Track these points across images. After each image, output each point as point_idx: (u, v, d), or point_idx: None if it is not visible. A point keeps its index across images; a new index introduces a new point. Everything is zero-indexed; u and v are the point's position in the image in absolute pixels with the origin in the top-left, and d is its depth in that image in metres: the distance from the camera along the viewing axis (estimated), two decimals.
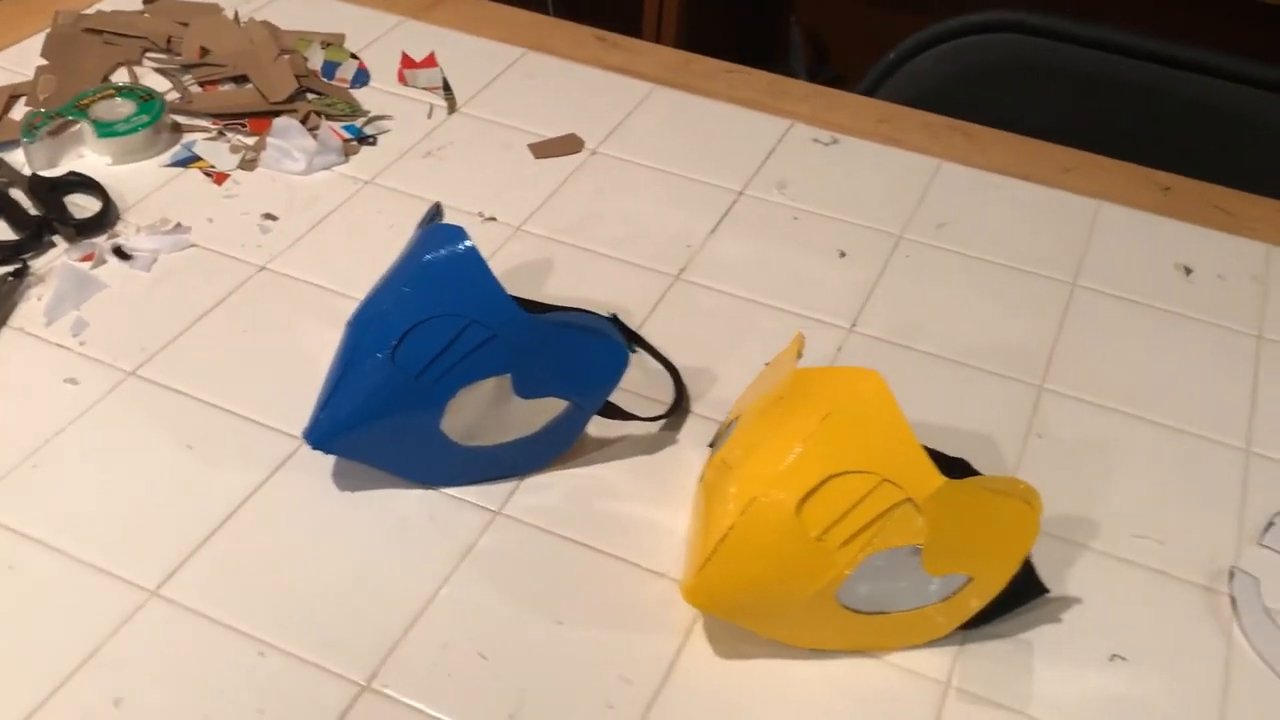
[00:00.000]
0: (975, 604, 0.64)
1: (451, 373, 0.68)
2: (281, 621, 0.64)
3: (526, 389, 0.70)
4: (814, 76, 1.17)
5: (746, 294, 0.88)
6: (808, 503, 0.60)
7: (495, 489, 0.72)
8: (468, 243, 0.69)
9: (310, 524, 0.69)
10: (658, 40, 1.20)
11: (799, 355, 0.69)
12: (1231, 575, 0.70)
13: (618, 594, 0.66)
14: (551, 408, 0.71)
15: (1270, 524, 0.73)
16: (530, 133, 1.04)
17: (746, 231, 0.94)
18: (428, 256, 0.70)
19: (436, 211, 0.78)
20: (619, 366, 0.72)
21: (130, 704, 0.60)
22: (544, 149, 1.02)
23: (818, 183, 1.00)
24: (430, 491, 0.72)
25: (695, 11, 1.66)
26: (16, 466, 0.72)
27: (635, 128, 1.05)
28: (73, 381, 0.77)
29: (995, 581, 0.64)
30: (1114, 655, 0.66)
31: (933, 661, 0.65)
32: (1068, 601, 0.68)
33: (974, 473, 0.74)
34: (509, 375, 0.69)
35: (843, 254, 0.92)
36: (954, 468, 0.74)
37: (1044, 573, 0.69)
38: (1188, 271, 0.92)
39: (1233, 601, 0.68)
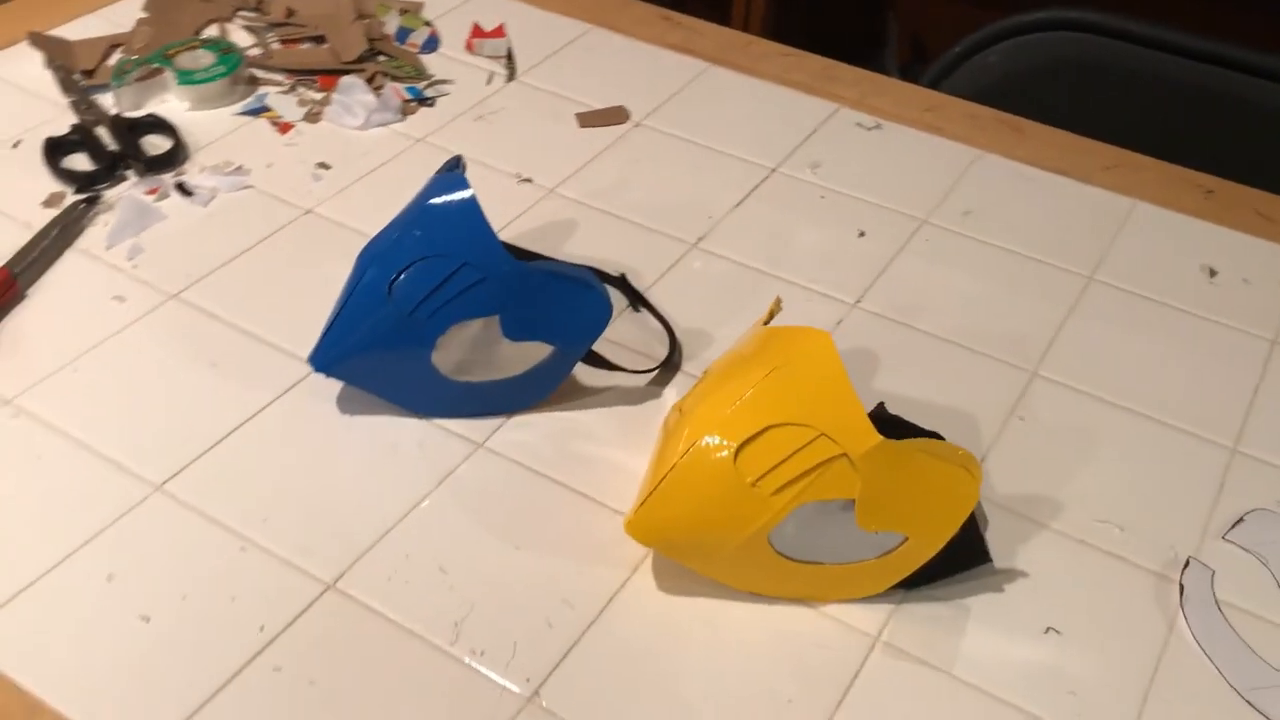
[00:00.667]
0: (910, 564, 0.66)
1: (443, 310, 0.73)
2: (265, 523, 0.70)
3: (514, 331, 0.74)
4: (906, 74, 1.18)
5: (758, 265, 0.91)
6: (745, 449, 0.63)
7: (483, 424, 0.77)
8: (467, 191, 0.73)
9: (308, 442, 0.75)
10: (744, 30, 1.23)
11: (771, 316, 0.72)
12: (1186, 564, 0.70)
13: (576, 527, 0.70)
14: (538, 352, 0.76)
15: (1239, 520, 0.73)
16: (581, 104, 1.08)
17: (771, 206, 0.97)
18: (430, 201, 0.75)
19: (456, 163, 0.83)
20: (602, 318, 0.75)
21: (119, 579, 0.67)
22: (590, 119, 1.06)
23: (852, 165, 1.02)
24: (424, 422, 0.77)
25: (785, 4, 1.68)
26: (59, 370, 0.79)
27: (683, 103, 1.09)
28: (120, 299, 0.85)
29: (931, 543, 0.66)
30: (1049, 628, 0.67)
31: (867, 616, 0.67)
32: (1013, 574, 0.69)
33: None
34: (498, 317, 0.74)
35: (862, 234, 0.94)
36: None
37: (996, 546, 0.70)
38: (1212, 274, 0.92)
39: (1181, 590, 0.69)
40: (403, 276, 0.73)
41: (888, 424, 0.77)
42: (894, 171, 1.01)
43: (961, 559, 0.68)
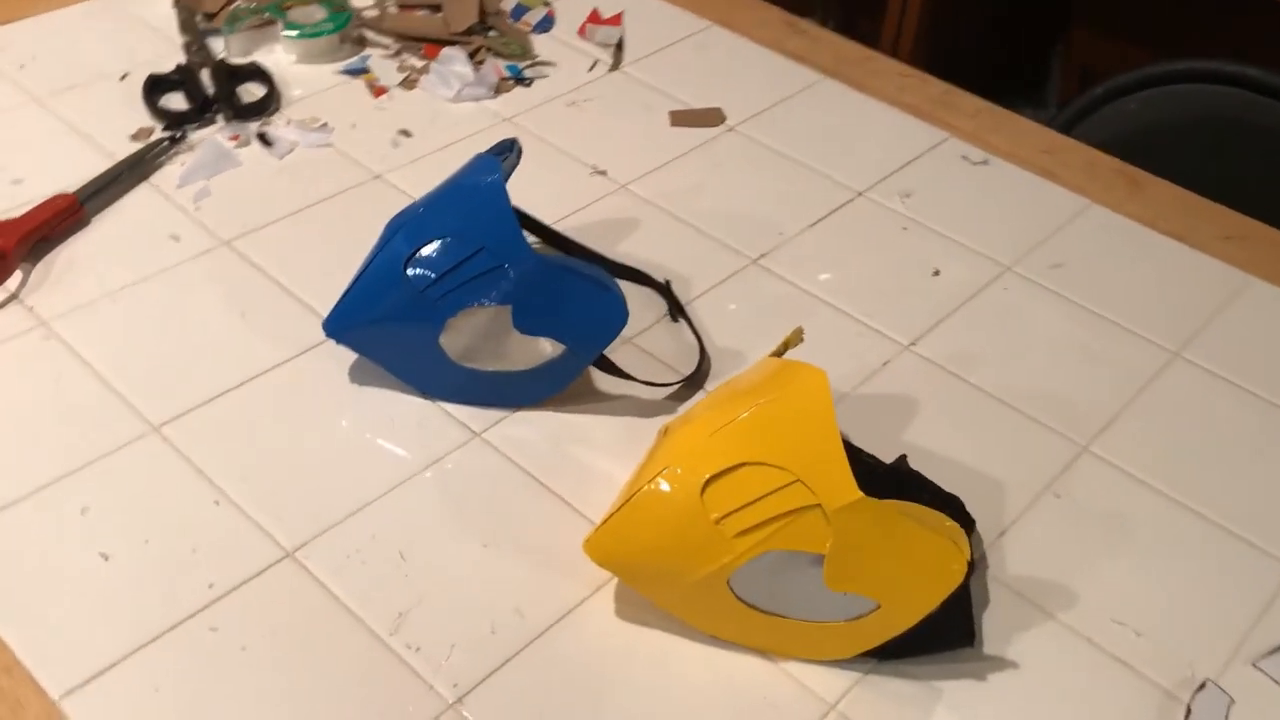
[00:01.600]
0: (881, 633, 0.61)
1: (456, 292, 0.71)
2: (244, 481, 0.70)
3: (524, 324, 0.72)
4: (1060, 112, 1.11)
5: (816, 290, 0.86)
6: (715, 484, 0.59)
7: (487, 414, 0.75)
8: (496, 175, 0.71)
9: (310, 406, 0.75)
10: (893, 54, 1.15)
11: (786, 348, 0.68)
12: (1201, 687, 0.63)
13: (549, 535, 0.68)
14: (548, 349, 0.73)
15: (1278, 649, 0.65)
16: (679, 101, 1.05)
17: (846, 231, 0.92)
18: (461, 180, 0.73)
19: (510, 145, 0.81)
20: (617, 323, 0.73)
21: (93, 513, 0.67)
22: (682, 117, 1.03)
23: (946, 199, 0.96)
24: (429, 403, 0.75)
25: (941, 31, 1.60)
26: (98, 299, 0.81)
27: (783, 113, 1.04)
28: (175, 239, 0.86)
29: (905, 616, 0.61)
30: None
31: (829, 681, 0.62)
32: (1002, 663, 0.64)
33: (965, 514, 0.70)
34: (509, 307, 0.72)
35: (936, 273, 0.89)
36: (945, 504, 0.70)
37: (991, 629, 0.65)
38: None
39: (1188, 714, 0.62)
40: (420, 253, 0.71)
41: (904, 479, 0.72)
42: (990, 212, 0.95)
43: (941, 636, 0.63)
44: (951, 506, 0.70)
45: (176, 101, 0.99)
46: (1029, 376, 0.80)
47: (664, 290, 0.84)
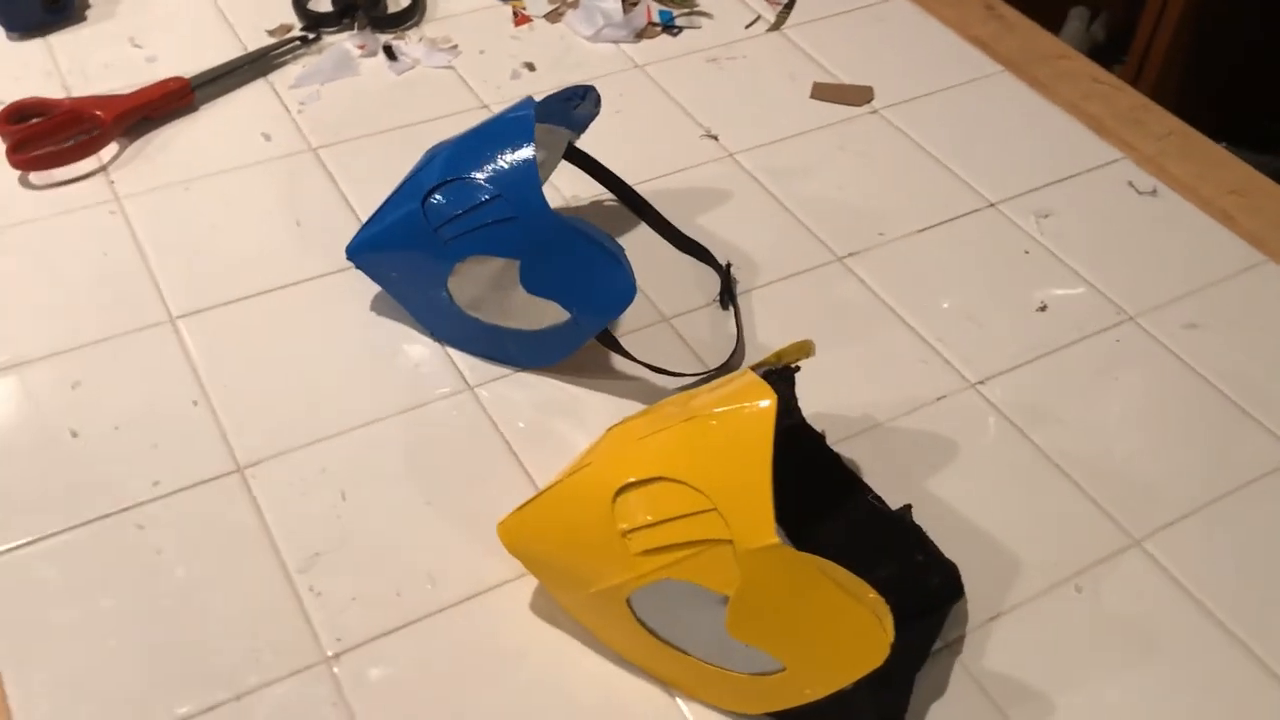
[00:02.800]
0: (786, 698, 0.54)
1: (467, 237, 0.68)
2: (226, 388, 0.69)
3: (531, 283, 0.68)
4: None
5: (894, 303, 0.77)
6: (630, 493, 0.54)
7: (488, 369, 0.72)
8: (528, 124, 0.67)
9: (323, 326, 0.74)
10: (1142, 62, 0.99)
11: (780, 360, 0.61)
12: None
13: (496, 506, 0.63)
14: (552, 313, 0.69)
15: None
16: (829, 73, 0.97)
17: (957, 244, 0.82)
18: (494, 122, 0.70)
19: (581, 94, 0.76)
20: (623, 299, 0.67)
21: (81, 390, 0.69)
22: (825, 91, 0.95)
23: (1089, 227, 0.84)
24: (437, 346, 0.73)
25: (1200, 49, 1.40)
26: (174, 184, 0.82)
27: (941, 103, 0.94)
28: (267, 137, 0.87)
29: (813, 686, 0.53)
30: None
31: None
32: None
33: (956, 583, 0.61)
34: (518, 263, 0.68)
35: (1043, 308, 0.78)
36: (937, 569, 0.62)
37: None
38: None
39: None
40: (443, 188, 0.68)
41: (900, 531, 0.63)
42: (1136, 250, 0.82)
43: (854, 718, 0.55)
44: (944, 573, 0.62)
45: (324, 3, 1.00)
46: (1104, 448, 0.69)
47: (723, 273, 0.77)
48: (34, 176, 0.82)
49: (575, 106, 0.77)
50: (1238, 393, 0.73)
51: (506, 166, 0.67)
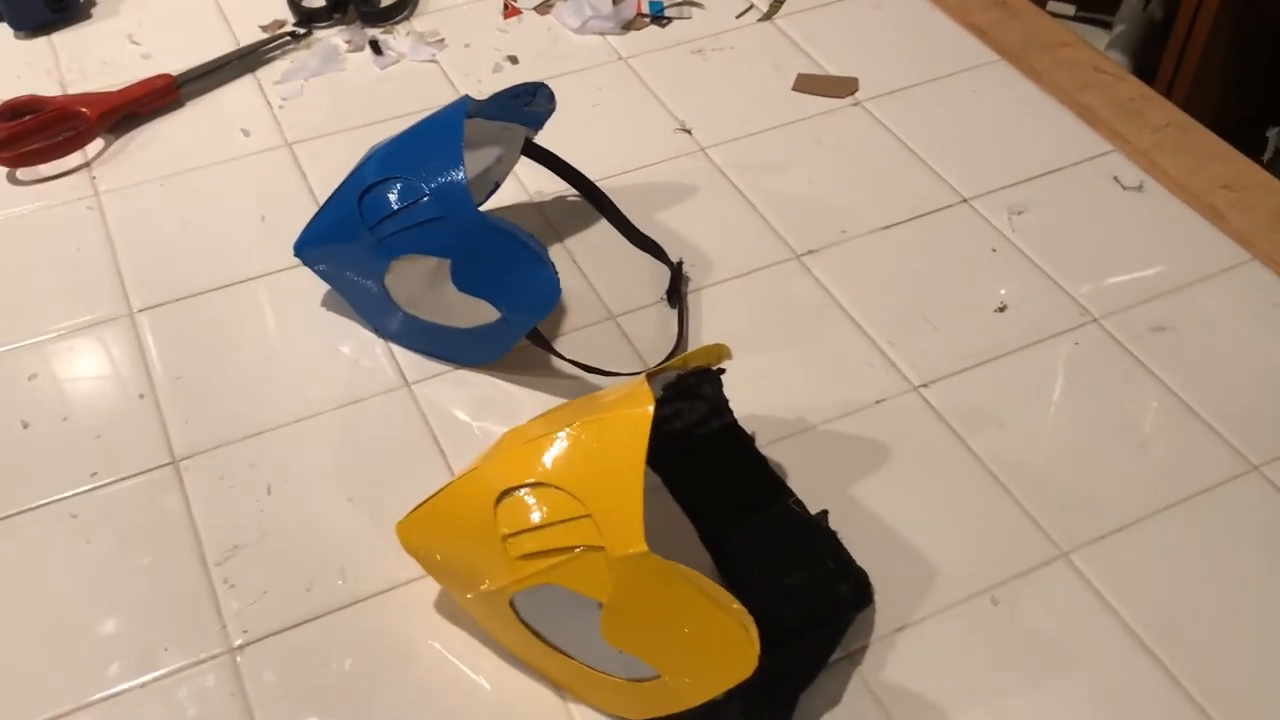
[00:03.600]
0: (662, 705, 0.54)
1: (401, 235, 0.69)
2: (177, 381, 0.71)
3: (462, 281, 0.68)
4: None
5: (846, 302, 0.76)
6: (511, 497, 0.54)
7: (429, 366, 0.72)
8: (457, 123, 0.68)
9: (273, 322, 0.75)
10: (1167, 95, 0.92)
11: (686, 363, 0.60)
12: None
13: (415, 504, 0.65)
14: (485, 312, 0.69)
15: None
16: (816, 64, 0.95)
17: (920, 242, 0.80)
18: (427, 122, 0.70)
19: (532, 91, 0.76)
20: (548, 298, 0.67)
21: (37, 381, 0.71)
22: (807, 83, 0.93)
23: (1064, 224, 0.81)
24: (380, 343, 0.74)
25: (1243, 29, 1.33)
26: (150, 180, 0.85)
27: (929, 94, 0.92)
28: (245, 133, 0.89)
29: (686, 694, 0.53)
30: None
31: None
32: None
33: (864, 591, 0.60)
34: (449, 262, 0.68)
35: (1003, 308, 0.76)
36: (845, 576, 0.61)
37: None
38: None
39: None
40: (377, 187, 0.69)
41: (813, 535, 0.63)
42: (1111, 248, 0.80)
43: None
44: (853, 581, 0.61)
45: None
46: (1045, 456, 0.67)
47: (673, 270, 0.77)
48: (21, 172, 0.85)
49: (527, 104, 0.77)
50: (1198, 400, 0.70)
51: (435, 166, 0.67)
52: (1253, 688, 0.57)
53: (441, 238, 0.68)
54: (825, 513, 0.64)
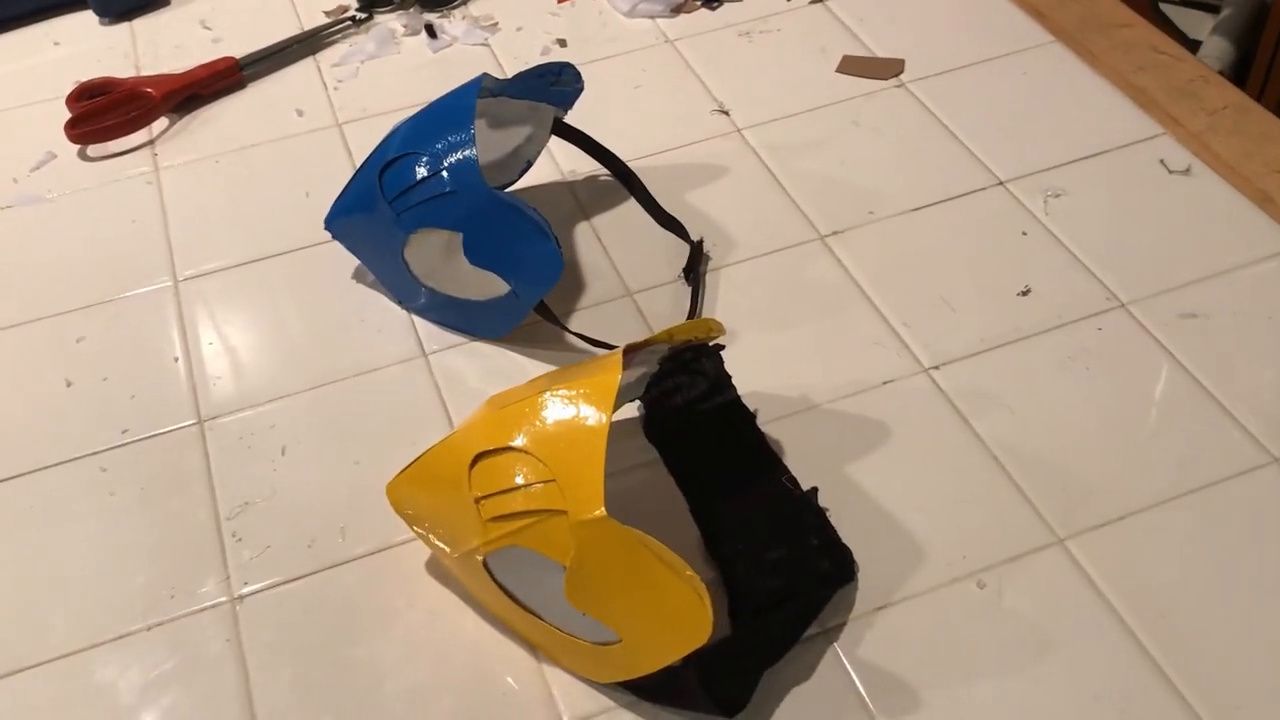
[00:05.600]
0: (625, 669, 0.55)
1: (416, 209, 0.71)
2: (210, 346, 0.75)
3: (473, 255, 0.70)
4: None
5: (866, 284, 0.76)
6: (483, 462, 0.56)
7: (446, 337, 0.74)
8: (470, 100, 0.70)
9: (308, 291, 0.78)
10: (1258, 98, 0.87)
11: (672, 337, 0.61)
12: None
13: None
14: (496, 285, 0.71)
15: None
16: (864, 46, 0.94)
17: (950, 224, 0.79)
18: (444, 100, 0.72)
19: (555, 70, 0.77)
20: (552, 272, 0.69)
21: (85, 344, 0.76)
22: (852, 65, 0.92)
23: (1103, 208, 0.79)
24: (402, 314, 0.76)
25: None
26: (205, 158, 0.89)
27: (976, 76, 0.90)
28: (300, 113, 0.92)
29: (645, 659, 0.54)
30: None
31: (580, 700, 0.57)
32: None
33: (846, 567, 0.60)
34: (461, 235, 0.70)
35: (1026, 292, 0.74)
36: (828, 552, 0.61)
37: (797, 710, 0.56)
38: None
39: None
40: (398, 162, 0.72)
41: (800, 512, 0.63)
42: (1149, 232, 0.77)
43: (689, 697, 0.55)
44: (835, 558, 0.61)
45: None
46: (1050, 441, 0.66)
47: (693, 248, 0.78)
48: (91, 149, 0.90)
49: (552, 83, 0.78)
50: (1222, 389, 0.68)
51: (448, 142, 0.69)
52: (1244, 683, 0.55)
53: (454, 211, 0.70)
54: (815, 490, 0.63)
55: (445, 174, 0.69)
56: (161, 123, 0.92)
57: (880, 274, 0.76)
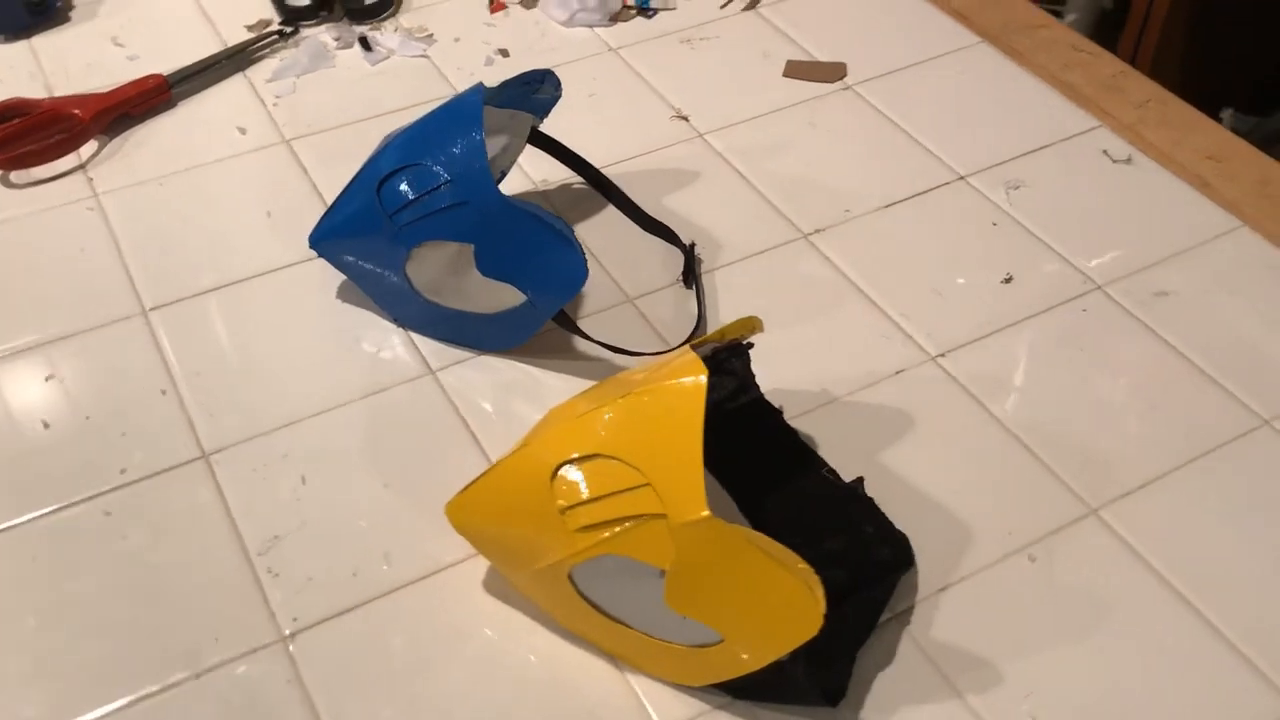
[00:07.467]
0: (726, 669, 0.55)
1: (422, 222, 0.69)
2: (198, 376, 0.71)
3: (486, 266, 0.69)
4: None
5: (857, 279, 0.78)
6: (565, 471, 0.54)
7: (451, 352, 0.73)
8: (476, 109, 0.68)
9: (290, 314, 0.75)
10: (1131, 62, 0.95)
11: (724, 336, 0.61)
12: None
13: (452, 488, 0.63)
14: (510, 296, 0.70)
15: None
16: (804, 51, 0.97)
17: (922, 218, 0.82)
18: (443, 109, 0.70)
19: (540, 78, 0.77)
20: (576, 280, 0.68)
21: (54, 382, 0.70)
22: (797, 69, 0.95)
23: (1060, 197, 0.83)
24: (399, 332, 0.74)
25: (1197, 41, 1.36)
26: (149, 180, 0.84)
27: (916, 77, 0.94)
28: (242, 131, 0.88)
29: (751, 657, 0.54)
30: None
31: (672, 707, 0.57)
32: None
33: (906, 553, 0.62)
34: (473, 247, 0.68)
35: (1009, 279, 0.78)
36: (887, 540, 0.62)
37: (883, 694, 0.57)
38: None
39: None
40: (396, 175, 0.69)
41: (852, 503, 0.64)
42: (1106, 218, 0.82)
43: (794, 690, 0.55)
44: (894, 544, 0.62)
45: None
46: (1064, 418, 0.69)
47: (686, 252, 0.78)
48: (14, 175, 0.84)
49: (535, 91, 0.77)
50: (1205, 359, 0.73)
51: (456, 152, 0.68)
52: None
53: (465, 223, 0.68)
54: (861, 479, 0.65)
55: (455, 184, 0.67)
56: (90, 146, 0.86)
57: (869, 269, 0.78)
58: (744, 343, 0.67)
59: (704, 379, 0.54)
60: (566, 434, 0.56)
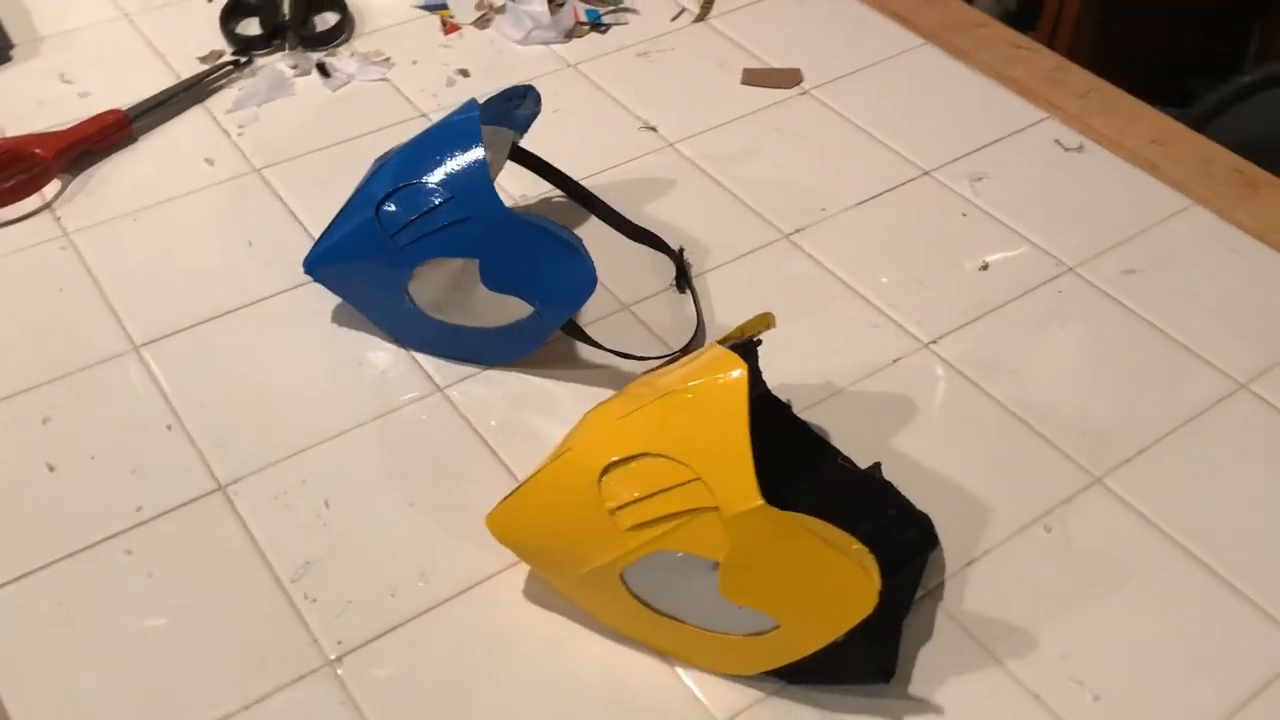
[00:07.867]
0: (782, 655, 0.56)
1: (424, 240, 0.69)
2: (202, 408, 0.70)
3: (492, 281, 0.69)
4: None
5: (843, 274, 0.80)
6: (613, 472, 0.55)
7: (456, 369, 0.73)
8: (474, 127, 0.69)
9: (287, 341, 0.74)
10: (1050, 44, 1.00)
11: (743, 334, 0.62)
12: None
13: (479, 502, 0.64)
14: (516, 308, 0.70)
15: None
16: (758, 59, 0.99)
17: (895, 213, 0.85)
18: (440, 127, 0.71)
19: (521, 94, 0.78)
20: (585, 288, 0.69)
21: (52, 424, 0.68)
22: (755, 76, 0.97)
23: (1022, 186, 0.87)
24: (401, 351, 0.74)
25: (1109, 18, 1.44)
26: (120, 216, 0.82)
27: (869, 79, 0.97)
28: (210, 162, 0.87)
29: (808, 640, 0.55)
30: None
31: (727, 696, 0.58)
32: (927, 707, 0.57)
33: (930, 533, 0.64)
34: (477, 262, 0.69)
35: (985, 266, 0.81)
36: (912, 521, 0.64)
37: (927, 667, 0.59)
38: None
39: None
40: (394, 195, 0.69)
41: (871, 488, 0.66)
42: (1068, 204, 0.86)
43: (850, 669, 0.57)
44: (918, 525, 0.64)
45: (252, 27, 1.00)
46: (1057, 393, 0.72)
47: (676, 258, 0.79)
48: None
49: (516, 107, 0.78)
50: (1178, 330, 0.76)
51: (457, 169, 0.68)
52: None
53: (470, 239, 0.68)
54: (878, 465, 0.67)
55: (458, 201, 0.68)
56: (53, 185, 0.84)
57: (851, 264, 0.81)
58: (754, 340, 0.68)
59: (744, 372, 0.55)
60: (609, 436, 0.56)
